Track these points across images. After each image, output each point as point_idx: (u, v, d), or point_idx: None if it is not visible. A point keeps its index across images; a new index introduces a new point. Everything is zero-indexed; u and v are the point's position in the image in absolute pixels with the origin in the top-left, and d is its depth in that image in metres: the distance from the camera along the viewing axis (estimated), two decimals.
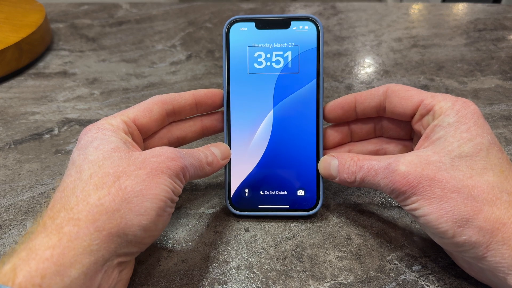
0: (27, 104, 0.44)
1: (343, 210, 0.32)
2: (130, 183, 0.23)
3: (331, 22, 0.62)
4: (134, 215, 0.22)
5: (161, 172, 0.24)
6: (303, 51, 0.30)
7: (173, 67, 0.51)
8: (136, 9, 0.67)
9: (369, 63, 0.52)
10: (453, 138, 0.24)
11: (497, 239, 0.22)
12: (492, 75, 0.49)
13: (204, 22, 0.63)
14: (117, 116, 0.27)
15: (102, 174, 0.23)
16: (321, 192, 0.30)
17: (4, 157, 0.37)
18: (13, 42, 0.47)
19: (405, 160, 0.25)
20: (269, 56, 0.30)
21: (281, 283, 0.27)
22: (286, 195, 0.30)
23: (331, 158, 0.29)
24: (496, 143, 0.25)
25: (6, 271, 0.19)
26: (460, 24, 0.61)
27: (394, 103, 0.29)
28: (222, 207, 0.32)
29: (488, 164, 0.23)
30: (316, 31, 0.31)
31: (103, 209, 0.21)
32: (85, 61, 0.52)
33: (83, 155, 0.24)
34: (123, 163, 0.23)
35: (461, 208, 0.22)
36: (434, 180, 0.23)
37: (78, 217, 0.21)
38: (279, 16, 0.31)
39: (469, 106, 0.25)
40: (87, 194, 0.22)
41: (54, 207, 0.22)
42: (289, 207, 0.30)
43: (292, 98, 0.30)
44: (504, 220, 0.22)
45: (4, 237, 0.30)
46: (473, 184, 0.23)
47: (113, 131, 0.26)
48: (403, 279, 0.27)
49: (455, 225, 0.22)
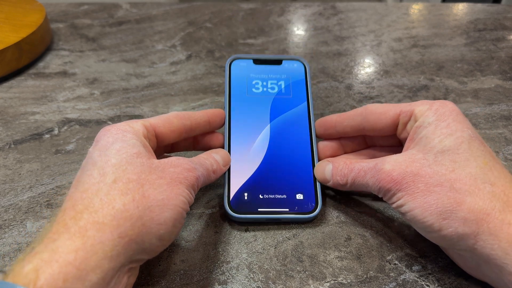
0: (27, 104, 0.44)
1: (343, 210, 0.32)
2: (153, 192, 0.23)
3: (331, 22, 0.62)
4: (154, 224, 0.22)
5: (180, 183, 0.24)
6: (294, 81, 0.36)
7: (173, 67, 0.51)
8: (136, 9, 0.67)
9: (369, 63, 0.52)
10: (434, 135, 0.25)
11: (483, 230, 0.22)
12: (492, 75, 0.49)
13: (204, 22, 0.63)
14: (138, 121, 0.28)
15: (126, 179, 0.23)
16: (319, 196, 0.31)
17: (4, 157, 0.37)
18: (13, 42, 0.47)
19: (391, 159, 0.26)
20: (265, 84, 0.36)
21: (281, 283, 0.27)
22: (285, 199, 0.30)
23: (326, 163, 0.31)
24: (477, 137, 0.25)
25: (28, 272, 0.19)
26: (460, 24, 0.61)
27: (373, 120, 0.30)
28: (222, 207, 0.32)
29: (470, 156, 0.24)
30: (303, 67, 0.37)
31: (127, 216, 0.21)
32: (85, 61, 0.53)
33: (104, 157, 0.24)
34: (145, 170, 0.24)
35: (444, 200, 0.23)
36: (417, 176, 0.24)
37: (103, 221, 0.21)
38: (273, 56, 0.38)
39: (446, 105, 0.27)
40: (112, 199, 0.22)
41: (76, 207, 0.21)
42: (289, 210, 0.30)
43: (287, 115, 0.34)
44: (488, 211, 0.22)
45: (4, 237, 0.30)
46: (455, 177, 0.23)
47: (134, 133, 0.26)
48: (403, 279, 0.27)
49: (439, 218, 0.23)
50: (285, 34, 0.59)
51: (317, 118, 0.33)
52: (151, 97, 0.46)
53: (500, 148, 0.38)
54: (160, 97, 0.46)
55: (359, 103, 0.44)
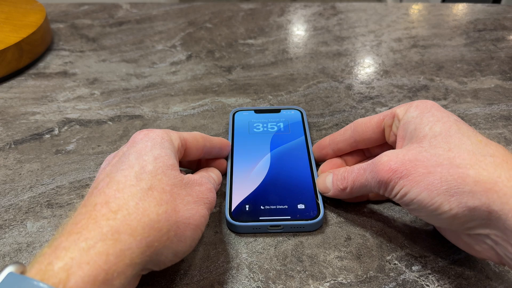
0: (28, 104, 0.44)
1: (343, 210, 0.32)
2: (183, 208, 0.23)
3: (331, 22, 0.62)
4: (176, 239, 0.23)
5: (203, 203, 0.25)
6: (292, 122, 0.39)
7: (173, 67, 0.51)
8: (136, 9, 0.67)
9: (369, 63, 0.52)
10: (422, 124, 0.26)
11: (494, 200, 0.21)
12: (491, 75, 0.49)
13: (204, 22, 0.63)
14: (175, 132, 0.28)
15: (161, 189, 0.23)
16: (321, 206, 0.30)
17: (5, 157, 0.37)
18: (13, 42, 0.47)
19: (388, 152, 0.26)
20: (265, 125, 0.39)
21: (281, 283, 0.27)
22: (287, 209, 0.30)
23: (327, 173, 0.31)
24: (464, 122, 0.26)
25: (58, 271, 0.18)
26: (460, 24, 0.61)
27: (361, 130, 0.31)
28: (222, 207, 0.32)
29: (463, 136, 0.24)
30: (300, 114, 0.40)
31: (158, 227, 0.22)
32: (86, 61, 0.53)
33: (142, 161, 0.24)
34: (177, 184, 0.24)
35: (448, 178, 0.22)
36: (416, 161, 0.24)
37: (135, 227, 0.21)
38: (272, 107, 0.42)
39: (426, 101, 0.28)
40: (146, 206, 0.22)
41: (109, 205, 0.21)
42: (291, 218, 0.30)
43: (286, 146, 0.36)
44: (494, 179, 0.22)
45: (5, 237, 0.30)
46: (453, 155, 0.23)
47: (171, 143, 0.26)
48: (403, 279, 0.27)
49: (447, 196, 0.22)
50: (285, 34, 0.59)
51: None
52: (151, 97, 0.46)
53: None
54: (160, 97, 0.46)
55: (359, 103, 0.44)
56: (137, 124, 0.41)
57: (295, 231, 0.30)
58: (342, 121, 0.42)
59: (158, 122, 0.42)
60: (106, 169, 0.24)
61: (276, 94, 0.46)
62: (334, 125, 0.41)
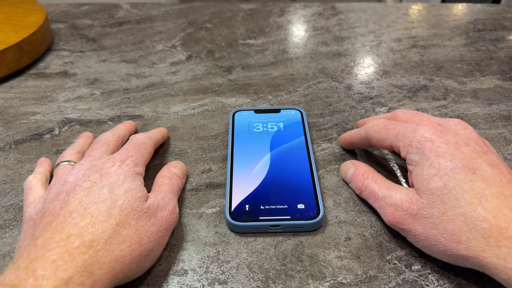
0: (28, 104, 0.44)
1: (343, 210, 0.32)
2: (146, 240, 0.26)
3: (331, 23, 0.63)
4: (137, 270, 0.26)
5: (166, 230, 0.28)
6: (291, 122, 0.39)
7: (173, 67, 0.51)
8: (136, 10, 0.67)
9: (368, 63, 0.52)
10: (422, 177, 0.27)
11: (483, 264, 0.23)
12: (491, 75, 0.49)
13: (204, 22, 0.63)
14: (141, 160, 0.31)
15: (127, 225, 0.25)
16: (321, 206, 0.31)
17: (5, 157, 0.37)
18: (13, 42, 0.47)
19: (396, 198, 0.28)
20: (265, 125, 0.39)
21: (281, 283, 0.27)
22: (287, 208, 0.30)
23: (350, 165, 0.33)
24: (463, 167, 0.25)
25: None
26: (460, 24, 0.61)
27: (376, 144, 0.32)
28: (222, 207, 0.32)
29: (458, 193, 0.25)
30: (300, 113, 0.40)
31: (122, 261, 0.24)
32: (86, 61, 0.53)
33: (114, 196, 0.26)
34: (143, 216, 0.26)
35: (442, 241, 0.25)
36: (416, 218, 0.26)
37: (103, 262, 0.23)
38: (272, 107, 0.42)
39: (424, 135, 0.27)
40: (113, 243, 0.24)
41: (83, 238, 0.24)
42: (290, 217, 0.30)
43: (286, 146, 0.36)
44: (483, 248, 0.24)
45: (5, 236, 0.30)
46: (447, 219, 0.25)
47: (140, 173, 0.30)
48: (403, 279, 0.27)
49: (444, 255, 0.26)
50: (285, 34, 0.60)
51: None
52: (151, 97, 0.46)
53: (499, 148, 0.38)
54: (160, 97, 0.46)
55: (359, 103, 0.44)
56: (138, 124, 0.41)
57: (295, 231, 0.30)
58: (342, 121, 0.42)
59: (158, 122, 0.42)
60: (78, 195, 0.26)
61: (276, 94, 0.46)
62: (334, 125, 0.41)
